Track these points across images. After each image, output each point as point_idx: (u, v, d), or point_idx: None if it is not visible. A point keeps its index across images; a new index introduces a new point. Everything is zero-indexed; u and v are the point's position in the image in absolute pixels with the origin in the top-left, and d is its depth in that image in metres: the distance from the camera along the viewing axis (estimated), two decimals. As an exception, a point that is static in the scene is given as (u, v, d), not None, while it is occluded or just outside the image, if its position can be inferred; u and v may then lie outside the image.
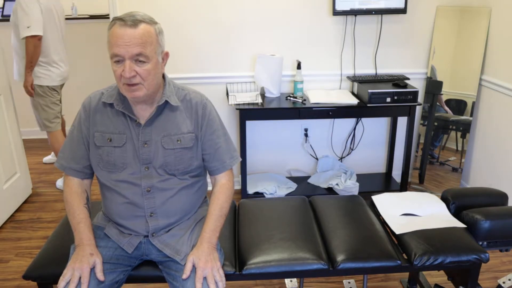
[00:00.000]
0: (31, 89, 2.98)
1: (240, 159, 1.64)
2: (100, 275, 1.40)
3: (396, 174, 3.24)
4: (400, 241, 1.72)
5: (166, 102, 1.49)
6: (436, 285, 2.13)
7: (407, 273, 2.21)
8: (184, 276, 1.41)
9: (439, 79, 2.98)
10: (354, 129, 3.17)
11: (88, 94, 1.58)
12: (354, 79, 2.92)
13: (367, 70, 3.03)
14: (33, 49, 2.86)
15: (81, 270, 1.38)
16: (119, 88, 1.43)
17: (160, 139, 1.48)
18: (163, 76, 1.52)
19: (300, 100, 2.78)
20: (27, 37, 2.82)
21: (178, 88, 1.55)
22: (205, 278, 1.40)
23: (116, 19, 1.35)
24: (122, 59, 1.35)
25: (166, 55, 1.47)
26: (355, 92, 2.92)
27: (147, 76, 1.38)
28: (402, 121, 3.13)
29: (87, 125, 1.51)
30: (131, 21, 1.33)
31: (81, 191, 1.54)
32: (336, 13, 2.81)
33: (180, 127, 1.50)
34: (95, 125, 1.50)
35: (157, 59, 1.40)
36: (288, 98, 2.84)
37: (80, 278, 1.38)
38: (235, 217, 1.93)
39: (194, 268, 1.43)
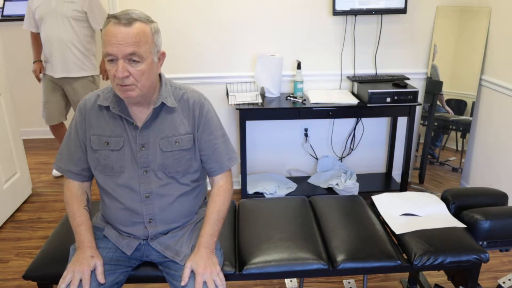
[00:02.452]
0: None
1: (239, 160, 1.61)
2: (101, 278, 1.40)
3: (396, 174, 3.24)
4: (400, 241, 1.72)
5: (163, 103, 1.45)
6: (436, 285, 2.13)
7: (407, 273, 2.21)
8: (183, 283, 1.39)
9: (440, 79, 2.98)
10: (354, 129, 3.17)
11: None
12: (354, 79, 2.92)
13: (367, 70, 3.03)
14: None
15: (81, 273, 1.38)
16: (113, 88, 1.39)
17: (158, 141, 1.46)
18: (160, 76, 1.48)
19: (300, 100, 2.78)
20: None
21: (175, 87, 1.51)
22: (205, 283, 1.39)
23: (111, 17, 1.32)
24: (115, 59, 1.31)
25: (162, 55, 1.43)
26: (355, 92, 2.92)
27: (140, 77, 1.34)
28: (402, 121, 3.13)
29: (83, 128, 1.48)
30: (125, 19, 1.30)
31: (81, 193, 1.53)
32: (336, 13, 2.81)
33: (177, 128, 1.47)
34: (91, 128, 1.47)
35: (152, 59, 1.37)
36: (288, 98, 2.84)
37: (81, 280, 1.37)
38: (235, 217, 1.93)
39: (193, 274, 1.41)
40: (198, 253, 1.45)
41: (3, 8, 4.09)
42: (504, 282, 2.18)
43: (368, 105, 2.70)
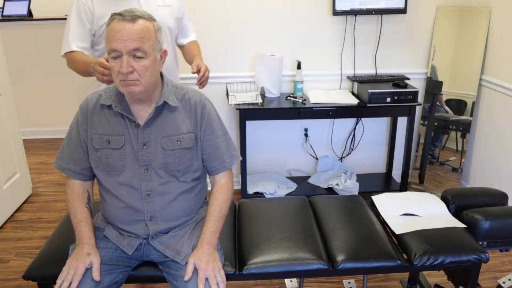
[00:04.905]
0: None
1: (241, 158, 1.63)
2: (96, 275, 1.40)
3: (396, 174, 3.24)
4: (400, 241, 1.72)
5: (165, 102, 1.47)
6: (436, 285, 2.13)
7: (407, 273, 2.21)
8: (186, 278, 1.40)
9: (439, 79, 2.98)
10: (354, 129, 3.17)
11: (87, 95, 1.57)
12: (354, 79, 2.92)
13: (367, 70, 3.03)
14: None
15: (75, 269, 1.39)
16: (116, 85, 1.41)
17: (160, 140, 1.47)
18: (161, 76, 1.50)
19: (300, 100, 2.78)
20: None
21: (177, 87, 1.53)
22: (206, 279, 1.40)
23: (115, 14, 1.35)
24: (120, 54, 1.33)
25: (164, 53, 1.46)
26: (355, 92, 2.92)
27: (144, 73, 1.36)
28: (402, 121, 3.12)
29: (85, 128, 1.49)
30: (130, 16, 1.33)
31: (82, 191, 1.54)
32: (336, 13, 2.81)
33: (179, 127, 1.49)
34: (93, 127, 1.48)
35: (155, 56, 1.39)
36: (288, 98, 2.84)
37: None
38: (235, 217, 1.93)
39: (195, 269, 1.43)
40: (201, 249, 1.46)
41: (3, 8, 4.09)
42: (504, 282, 2.18)
43: (368, 105, 2.70)
